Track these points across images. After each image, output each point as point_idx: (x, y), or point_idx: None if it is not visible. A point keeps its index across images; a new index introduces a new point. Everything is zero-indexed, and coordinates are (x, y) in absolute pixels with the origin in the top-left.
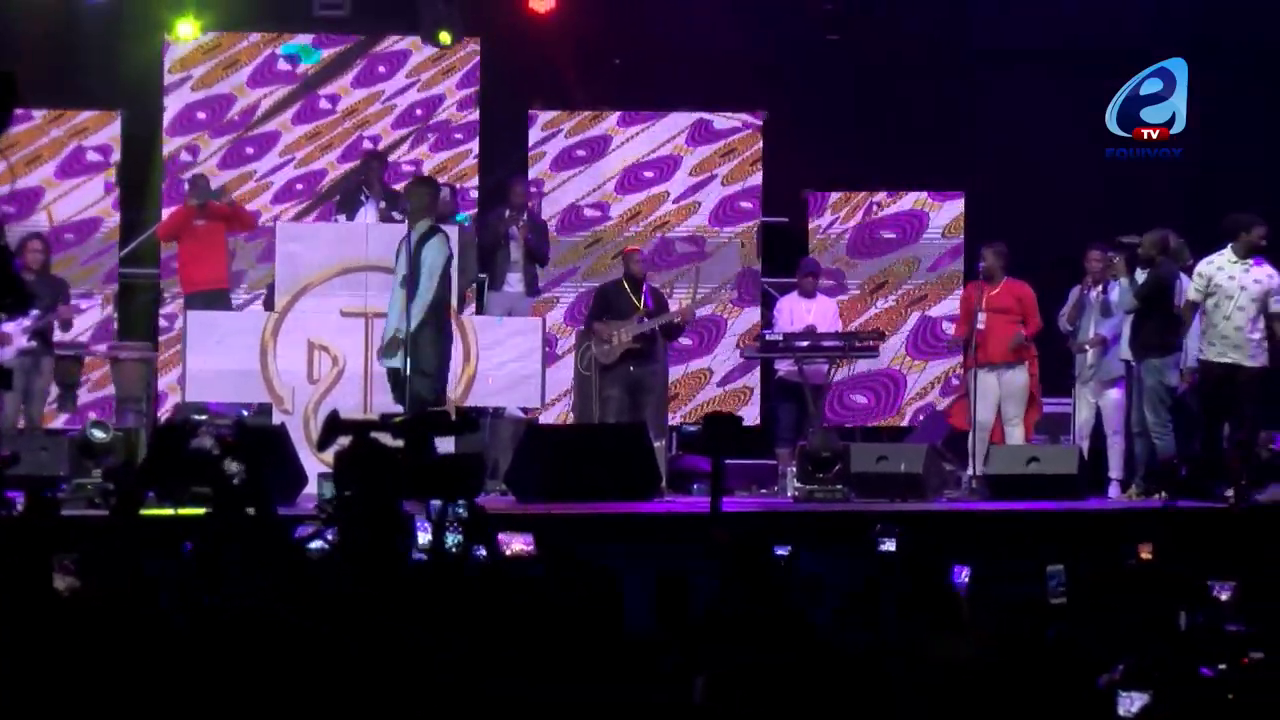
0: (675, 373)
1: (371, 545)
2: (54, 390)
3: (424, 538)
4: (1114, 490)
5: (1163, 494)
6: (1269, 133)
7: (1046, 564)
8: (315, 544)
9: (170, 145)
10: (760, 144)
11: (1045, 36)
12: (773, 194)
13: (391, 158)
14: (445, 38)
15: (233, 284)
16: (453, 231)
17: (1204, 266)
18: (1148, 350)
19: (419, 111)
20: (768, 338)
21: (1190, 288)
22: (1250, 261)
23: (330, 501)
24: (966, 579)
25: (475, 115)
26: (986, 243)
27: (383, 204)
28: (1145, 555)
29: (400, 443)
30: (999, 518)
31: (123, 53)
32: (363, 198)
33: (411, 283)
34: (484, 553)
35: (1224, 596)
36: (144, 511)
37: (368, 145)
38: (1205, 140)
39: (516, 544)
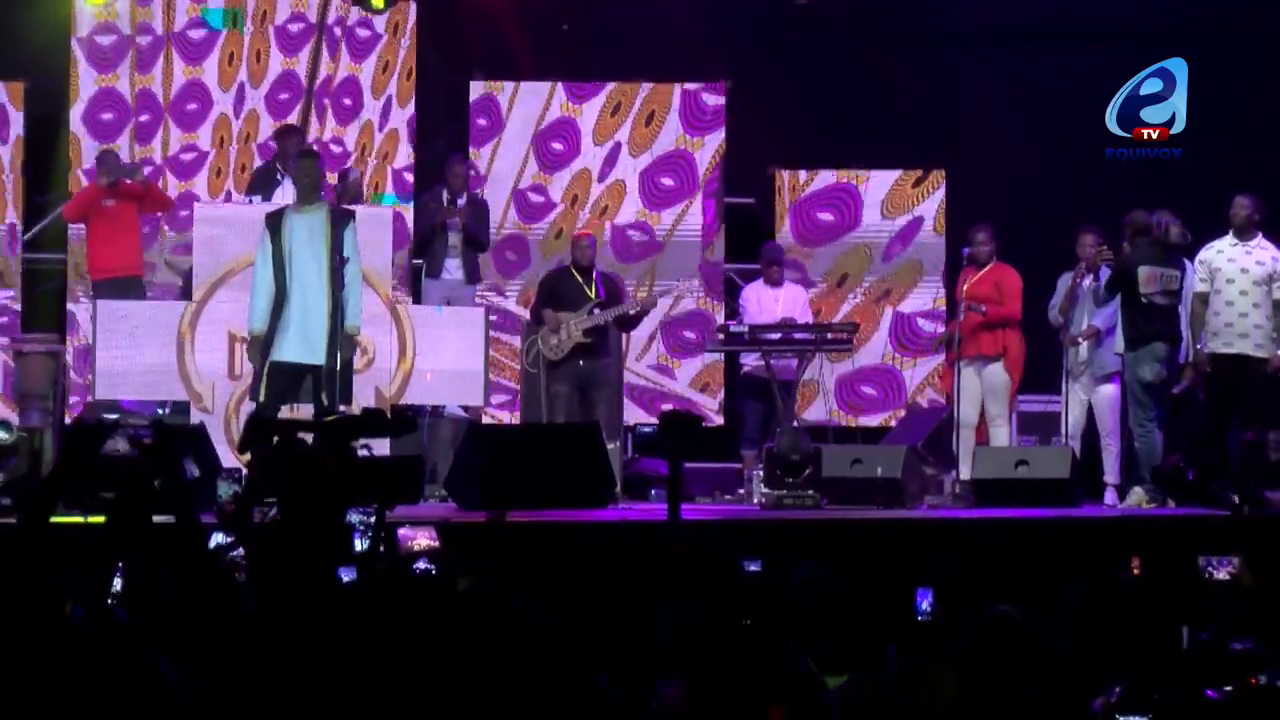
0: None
1: (297, 561)
2: None
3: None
4: (1110, 496)
5: (1158, 498)
6: (1269, 133)
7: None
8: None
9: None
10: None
11: (1040, 15)
12: (736, 172)
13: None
14: (378, 1)
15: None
16: (376, 214)
17: (1204, 253)
18: (1125, 343)
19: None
20: (732, 330)
21: (1195, 278)
22: (1254, 241)
23: (230, 502)
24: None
25: (410, 86)
26: (976, 225)
27: None
28: (1136, 570)
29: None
30: (985, 527)
31: (27, 19)
32: (278, 175)
33: (339, 270)
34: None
35: (1221, 575)
36: (53, 519)
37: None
38: (1205, 140)
39: (421, 539)
